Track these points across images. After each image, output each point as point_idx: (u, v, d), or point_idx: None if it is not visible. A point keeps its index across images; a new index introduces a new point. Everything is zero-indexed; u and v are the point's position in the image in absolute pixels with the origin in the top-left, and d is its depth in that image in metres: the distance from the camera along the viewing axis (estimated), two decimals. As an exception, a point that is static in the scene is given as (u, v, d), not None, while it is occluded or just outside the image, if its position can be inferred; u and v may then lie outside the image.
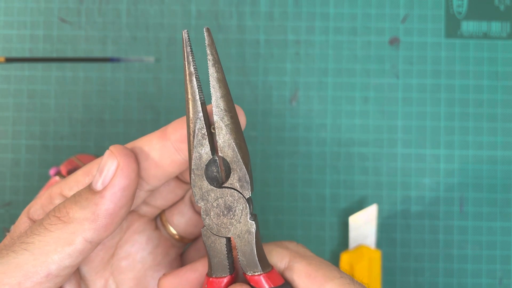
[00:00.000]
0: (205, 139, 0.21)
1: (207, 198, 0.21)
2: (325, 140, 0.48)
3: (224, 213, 0.21)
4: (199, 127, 0.21)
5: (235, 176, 0.21)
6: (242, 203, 0.21)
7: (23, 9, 0.48)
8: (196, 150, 0.21)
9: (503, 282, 0.47)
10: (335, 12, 0.48)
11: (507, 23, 0.48)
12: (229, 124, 0.21)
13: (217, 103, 0.22)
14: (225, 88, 0.22)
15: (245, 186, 0.21)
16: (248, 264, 0.21)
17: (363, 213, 0.45)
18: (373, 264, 0.44)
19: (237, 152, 0.21)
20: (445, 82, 0.48)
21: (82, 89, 0.48)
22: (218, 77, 0.22)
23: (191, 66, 0.22)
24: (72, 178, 0.25)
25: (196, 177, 0.21)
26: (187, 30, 0.22)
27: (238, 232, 0.21)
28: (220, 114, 0.21)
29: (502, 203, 0.47)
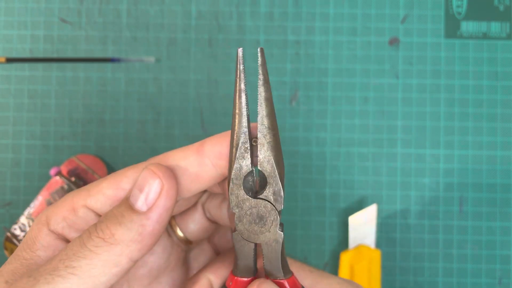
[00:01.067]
0: (247, 153, 0.23)
1: (241, 206, 0.23)
2: (325, 140, 0.48)
3: (256, 221, 0.23)
4: (243, 141, 0.23)
5: (270, 190, 0.23)
6: (274, 214, 0.23)
7: (24, 9, 0.48)
8: (238, 162, 0.23)
9: (502, 282, 0.47)
10: (335, 13, 0.48)
11: (507, 23, 0.48)
12: (271, 141, 0.23)
13: (262, 120, 0.23)
14: (271, 107, 0.23)
15: (278, 200, 0.23)
16: (272, 270, 0.24)
17: (363, 213, 0.45)
18: (373, 264, 0.44)
19: (275, 168, 0.23)
20: (445, 82, 0.48)
21: (82, 89, 0.48)
22: (266, 96, 0.23)
23: (242, 83, 0.23)
24: (96, 189, 0.24)
25: (235, 186, 0.23)
26: (242, 48, 0.23)
27: (266, 240, 0.23)
28: (264, 131, 0.23)
29: (502, 203, 0.47)
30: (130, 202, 0.22)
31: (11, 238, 0.46)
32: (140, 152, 0.48)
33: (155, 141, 0.48)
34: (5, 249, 0.46)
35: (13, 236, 0.46)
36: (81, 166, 0.46)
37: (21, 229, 0.46)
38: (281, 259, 0.23)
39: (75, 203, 0.25)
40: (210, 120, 0.48)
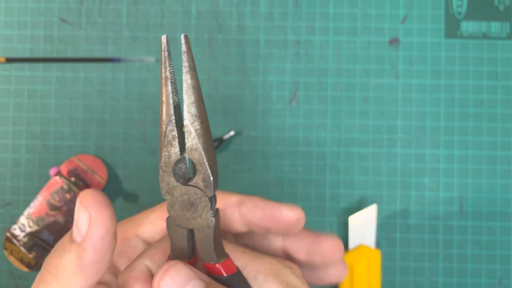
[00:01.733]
0: (175, 140, 0.23)
1: (172, 193, 0.24)
2: (325, 140, 0.48)
3: (187, 208, 0.24)
4: (170, 128, 0.23)
5: (199, 177, 0.23)
6: (204, 201, 0.23)
7: (24, 9, 0.48)
8: (166, 149, 0.23)
9: (502, 282, 0.47)
10: (335, 13, 0.48)
11: (507, 23, 0.48)
12: (198, 129, 0.23)
13: (188, 108, 0.23)
14: (197, 94, 0.23)
15: (208, 186, 0.23)
16: (206, 254, 0.24)
17: (362, 213, 0.45)
18: (373, 264, 0.44)
19: (203, 155, 0.23)
20: (445, 82, 0.48)
21: (82, 89, 0.48)
22: (192, 83, 0.23)
23: (167, 71, 0.24)
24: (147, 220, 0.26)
25: (164, 173, 0.23)
26: (166, 35, 0.23)
27: (198, 226, 0.24)
28: (191, 119, 0.23)
29: (502, 203, 0.47)
30: (71, 233, 0.23)
31: (11, 238, 0.46)
32: (140, 152, 0.48)
33: (155, 141, 0.48)
34: (5, 249, 0.46)
35: (13, 236, 0.46)
36: (81, 166, 0.46)
37: (21, 229, 0.46)
38: (214, 243, 0.24)
39: (127, 233, 0.27)
40: (210, 120, 0.48)
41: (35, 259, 0.46)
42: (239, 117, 0.48)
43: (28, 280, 0.47)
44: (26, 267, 0.46)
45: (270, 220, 0.27)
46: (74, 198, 0.46)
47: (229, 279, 0.24)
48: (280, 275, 0.25)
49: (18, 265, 0.46)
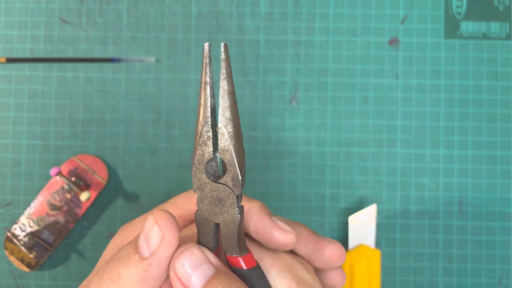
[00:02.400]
0: (209, 140, 0.25)
1: (203, 189, 0.26)
2: (325, 140, 0.48)
3: (215, 203, 0.26)
4: (206, 129, 0.25)
5: (229, 176, 0.25)
6: (232, 198, 0.25)
7: (24, 10, 0.48)
8: (200, 148, 0.25)
9: (502, 282, 0.47)
10: (335, 13, 0.48)
11: (507, 24, 0.48)
12: (231, 131, 0.25)
13: (223, 112, 0.25)
14: (232, 99, 0.25)
15: (236, 185, 0.25)
16: (229, 247, 0.26)
17: (362, 213, 0.45)
18: (373, 264, 0.44)
19: (234, 156, 0.25)
20: (445, 82, 0.48)
21: (82, 89, 0.48)
22: (228, 89, 0.25)
23: (207, 76, 0.25)
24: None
25: (197, 170, 0.25)
26: (208, 43, 0.25)
27: (224, 221, 0.26)
28: (225, 122, 0.25)
29: (502, 203, 0.47)
30: (137, 244, 0.25)
31: (12, 238, 0.46)
32: (140, 152, 0.48)
33: (155, 141, 0.48)
34: (6, 249, 0.46)
35: (13, 236, 0.46)
36: (82, 166, 0.46)
37: (21, 229, 0.46)
38: (237, 237, 0.26)
39: None
40: (210, 120, 0.48)
41: (36, 259, 0.46)
42: (239, 117, 0.48)
43: (29, 280, 0.47)
44: (27, 267, 0.46)
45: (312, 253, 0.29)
46: (74, 198, 0.46)
47: (248, 272, 0.26)
48: (293, 269, 0.27)
49: (18, 265, 0.46)
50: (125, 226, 0.30)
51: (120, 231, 0.30)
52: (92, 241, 0.47)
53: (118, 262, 0.24)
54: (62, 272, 0.47)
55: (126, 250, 0.25)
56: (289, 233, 0.28)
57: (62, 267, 0.47)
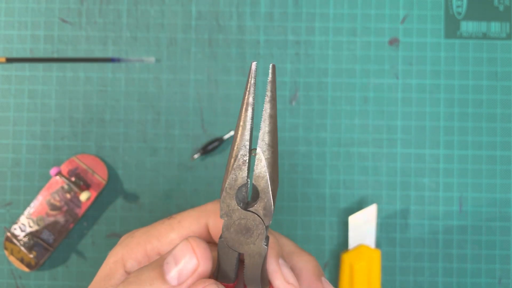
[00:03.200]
0: (244, 165, 0.24)
1: (231, 215, 0.24)
2: (325, 140, 0.48)
3: (242, 232, 0.24)
4: (243, 153, 0.24)
5: (261, 204, 0.24)
6: (261, 228, 0.24)
7: (24, 10, 0.48)
8: (234, 172, 0.24)
9: (502, 282, 0.47)
10: (335, 13, 0.48)
11: (507, 24, 0.48)
12: (269, 158, 0.24)
13: (263, 136, 0.24)
14: (274, 124, 0.24)
15: (267, 215, 0.24)
16: (251, 280, 0.24)
17: (362, 212, 0.45)
18: (373, 264, 0.44)
19: (269, 185, 0.23)
20: (445, 82, 0.48)
21: (82, 89, 0.48)
22: (271, 113, 0.24)
23: (250, 97, 0.24)
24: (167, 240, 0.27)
25: (227, 195, 0.24)
26: (256, 62, 0.24)
27: (250, 251, 0.24)
28: (263, 147, 0.24)
29: (501, 203, 0.47)
30: (163, 269, 0.23)
31: (12, 238, 0.46)
32: (140, 152, 0.48)
33: (155, 141, 0.48)
34: (5, 249, 0.46)
35: (13, 236, 0.46)
36: (82, 166, 0.46)
37: (21, 229, 0.46)
38: (261, 270, 0.24)
39: (148, 250, 0.27)
40: (210, 120, 0.48)
41: (36, 259, 0.46)
42: (239, 117, 0.48)
43: (29, 280, 0.47)
44: (27, 267, 0.46)
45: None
46: (74, 198, 0.46)
47: None
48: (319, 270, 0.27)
49: (18, 265, 0.46)
50: (126, 238, 0.29)
51: (120, 243, 0.29)
52: (92, 241, 0.47)
53: (141, 285, 0.23)
54: (62, 272, 0.47)
55: (149, 274, 0.23)
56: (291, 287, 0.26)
57: (62, 267, 0.47)
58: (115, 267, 0.27)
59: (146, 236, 0.28)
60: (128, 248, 0.28)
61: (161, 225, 0.28)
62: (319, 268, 0.28)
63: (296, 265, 0.27)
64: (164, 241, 0.27)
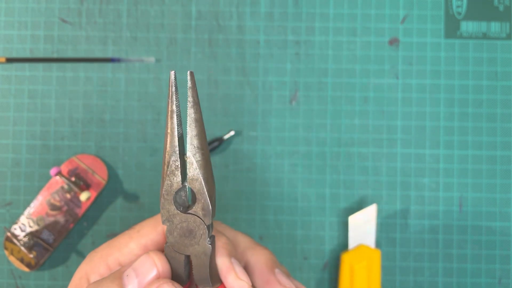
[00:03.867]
0: (177, 170, 0.24)
1: (172, 220, 0.25)
2: (325, 140, 0.48)
3: (186, 235, 0.25)
4: (174, 159, 0.24)
5: (199, 206, 0.24)
6: (202, 228, 0.25)
7: (24, 10, 0.48)
8: (168, 179, 0.24)
9: (502, 282, 0.47)
10: (335, 13, 0.48)
11: (507, 24, 0.48)
12: (200, 160, 0.24)
13: (191, 140, 0.24)
14: (200, 127, 0.24)
15: (206, 215, 0.24)
16: (201, 279, 0.25)
17: (362, 212, 0.45)
18: (373, 264, 0.44)
19: (204, 185, 0.24)
20: (445, 82, 0.48)
21: (82, 89, 0.48)
22: (195, 117, 0.24)
23: (173, 105, 0.25)
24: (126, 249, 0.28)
25: (165, 201, 0.24)
26: (174, 72, 0.24)
27: (195, 252, 0.25)
28: (193, 151, 0.24)
29: (502, 203, 0.47)
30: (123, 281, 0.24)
31: (12, 238, 0.46)
32: (140, 152, 0.48)
33: (155, 141, 0.48)
34: (5, 249, 0.46)
35: (13, 236, 0.46)
36: (81, 166, 0.46)
37: (21, 229, 0.46)
38: (209, 268, 0.25)
39: (110, 263, 0.28)
40: (210, 120, 0.48)
41: (36, 259, 0.46)
42: (239, 117, 0.48)
43: (29, 280, 0.47)
44: (27, 267, 0.46)
45: None
46: (74, 198, 0.46)
47: None
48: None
49: (18, 265, 0.46)
50: (90, 255, 0.30)
51: (85, 260, 0.30)
52: (92, 241, 0.47)
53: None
54: (62, 272, 0.47)
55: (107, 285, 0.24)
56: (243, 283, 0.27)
57: (62, 267, 0.47)
58: (80, 284, 0.28)
59: (108, 249, 0.28)
60: (91, 263, 0.28)
61: (122, 237, 0.28)
62: (273, 261, 0.28)
63: (250, 260, 0.28)
64: (124, 251, 0.27)
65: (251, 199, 0.47)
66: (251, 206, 0.47)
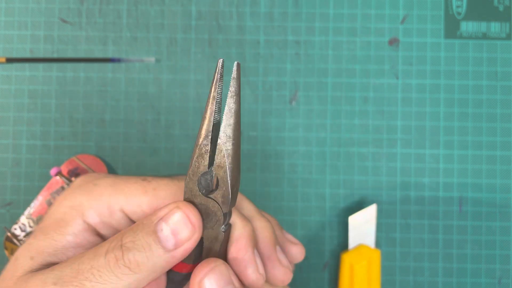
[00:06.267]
0: (206, 154, 0.25)
1: (193, 200, 0.25)
2: (325, 140, 0.48)
3: (203, 217, 0.25)
4: (205, 143, 0.25)
5: (220, 193, 0.25)
6: (219, 215, 0.25)
7: (24, 10, 0.48)
8: (197, 160, 0.25)
9: (502, 282, 0.47)
10: (335, 13, 0.48)
11: (507, 24, 0.48)
12: (229, 149, 0.25)
13: (225, 129, 0.25)
14: (236, 118, 0.25)
15: (225, 203, 0.25)
16: None
17: (362, 212, 0.45)
18: (373, 264, 0.44)
19: (228, 174, 0.25)
20: (445, 82, 0.48)
21: (82, 89, 0.48)
22: (234, 108, 0.25)
23: (215, 91, 0.26)
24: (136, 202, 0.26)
25: (190, 180, 0.25)
26: (222, 60, 0.25)
27: (208, 236, 0.26)
28: (224, 139, 0.25)
29: (501, 203, 0.47)
30: (160, 238, 0.24)
31: (12, 238, 0.46)
32: (140, 152, 0.48)
33: (155, 141, 0.48)
34: (6, 249, 0.46)
35: (13, 236, 0.46)
36: (82, 166, 0.46)
37: (21, 229, 0.46)
38: (218, 254, 0.26)
39: (112, 205, 0.26)
40: (210, 120, 0.48)
41: (36, 259, 0.46)
42: (239, 117, 0.48)
43: (29, 280, 0.47)
44: (27, 267, 0.46)
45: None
46: (74, 198, 0.46)
47: None
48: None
49: (18, 265, 0.46)
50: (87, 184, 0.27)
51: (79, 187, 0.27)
52: (92, 241, 0.47)
53: (138, 252, 0.23)
54: (62, 272, 0.47)
55: (145, 240, 0.24)
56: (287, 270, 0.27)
57: (62, 267, 0.47)
58: (71, 213, 0.26)
59: (112, 189, 0.27)
60: (90, 196, 0.26)
61: (132, 184, 0.27)
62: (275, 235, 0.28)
63: None
64: (132, 201, 0.26)
65: (251, 199, 0.47)
66: (251, 206, 0.47)
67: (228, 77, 0.28)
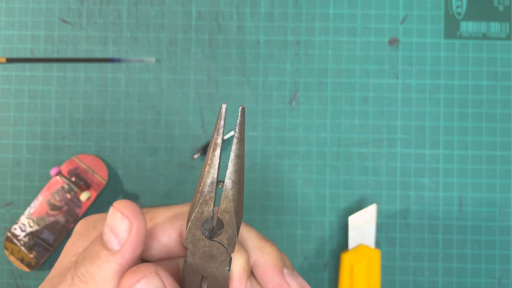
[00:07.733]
0: (211, 201, 0.25)
1: (196, 244, 0.26)
2: (325, 140, 0.48)
3: (207, 259, 0.26)
4: (209, 190, 0.25)
5: (226, 235, 0.25)
6: (225, 256, 0.26)
7: (24, 10, 0.49)
8: (201, 207, 0.25)
9: (502, 282, 0.47)
10: (335, 13, 0.48)
11: (506, 24, 0.48)
12: (235, 194, 0.25)
13: (230, 175, 0.25)
14: (241, 163, 0.25)
15: (231, 245, 0.26)
16: None
17: (362, 212, 0.45)
18: (373, 264, 0.44)
19: (234, 219, 0.25)
20: (444, 82, 0.48)
21: (83, 90, 0.48)
22: (239, 154, 0.26)
23: (219, 138, 0.26)
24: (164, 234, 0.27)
25: (193, 226, 0.25)
26: (226, 105, 0.25)
27: (213, 276, 0.26)
28: (230, 185, 0.25)
29: (501, 203, 0.47)
30: (103, 240, 0.24)
31: (12, 238, 0.46)
32: (140, 152, 0.48)
33: (155, 141, 0.48)
34: (6, 249, 0.46)
35: (13, 236, 0.46)
36: (82, 166, 0.46)
37: (21, 229, 0.46)
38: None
39: None
40: (210, 120, 0.48)
41: (36, 259, 0.46)
42: (239, 117, 0.48)
43: (29, 280, 0.47)
44: (27, 267, 0.46)
45: None
46: (74, 198, 0.46)
47: None
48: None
49: (18, 265, 0.46)
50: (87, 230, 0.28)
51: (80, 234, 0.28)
52: (92, 241, 0.47)
53: (88, 263, 0.24)
54: (62, 272, 0.47)
55: (93, 249, 0.24)
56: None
57: (62, 267, 0.47)
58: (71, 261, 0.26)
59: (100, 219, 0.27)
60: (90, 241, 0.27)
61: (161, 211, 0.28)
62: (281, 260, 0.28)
63: (259, 260, 0.28)
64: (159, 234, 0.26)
65: (251, 199, 0.47)
66: (251, 206, 0.47)
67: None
